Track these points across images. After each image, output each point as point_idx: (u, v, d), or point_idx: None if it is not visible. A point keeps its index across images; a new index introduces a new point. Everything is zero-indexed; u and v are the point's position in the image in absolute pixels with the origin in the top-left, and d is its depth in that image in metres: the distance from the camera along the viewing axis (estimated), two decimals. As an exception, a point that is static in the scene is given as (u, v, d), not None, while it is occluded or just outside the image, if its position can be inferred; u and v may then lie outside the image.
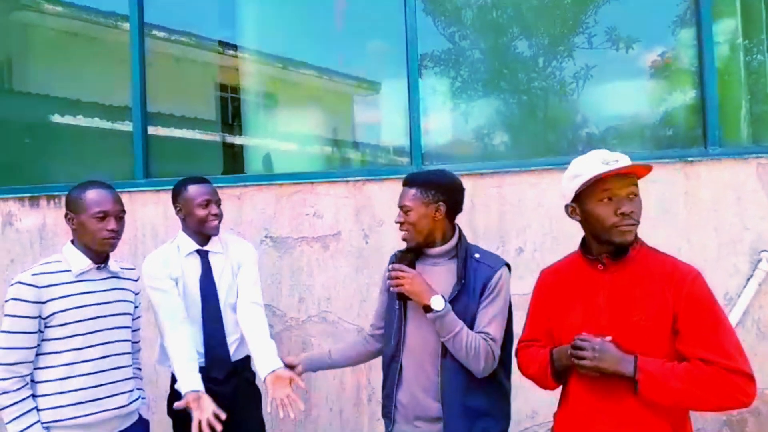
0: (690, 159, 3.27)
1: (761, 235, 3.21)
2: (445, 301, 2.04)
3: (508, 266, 2.19)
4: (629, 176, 1.83)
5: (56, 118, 4.14)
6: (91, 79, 4.13)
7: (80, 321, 2.10)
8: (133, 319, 2.36)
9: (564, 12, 3.67)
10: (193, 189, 2.60)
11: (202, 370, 2.53)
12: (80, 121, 4.15)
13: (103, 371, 2.15)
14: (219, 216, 2.63)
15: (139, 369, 2.44)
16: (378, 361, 2.46)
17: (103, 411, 2.13)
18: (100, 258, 2.22)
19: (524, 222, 3.26)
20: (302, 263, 3.40)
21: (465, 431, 2.06)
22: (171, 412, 2.61)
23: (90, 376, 2.11)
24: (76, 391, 2.09)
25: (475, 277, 2.10)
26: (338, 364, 2.46)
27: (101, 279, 2.22)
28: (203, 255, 2.64)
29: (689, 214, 3.25)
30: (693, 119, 3.49)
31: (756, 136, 3.53)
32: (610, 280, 1.83)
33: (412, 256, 2.17)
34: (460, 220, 3.28)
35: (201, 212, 2.57)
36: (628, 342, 1.74)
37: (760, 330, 3.20)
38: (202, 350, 2.57)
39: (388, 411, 2.23)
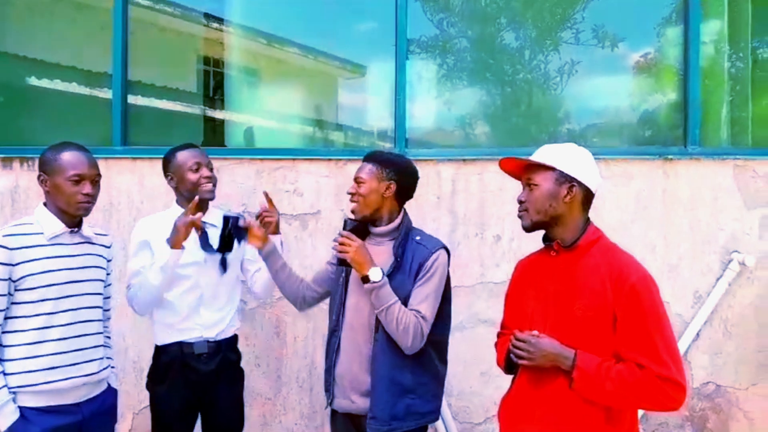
0: (670, 157, 3.31)
1: (734, 236, 3.28)
2: (383, 274, 2.12)
3: (447, 250, 2.25)
4: (530, 168, 1.92)
5: (33, 81, 4.03)
6: (72, 43, 4.03)
7: (51, 285, 2.05)
8: (104, 287, 2.31)
9: (553, 5, 3.67)
10: (182, 154, 2.56)
11: (186, 345, 2.51)
12: (58, 85, 4.04)
13: (74, 337, 2.10)
14: (212, 179, 2.58)
15: (109, 338, 2.40)
16: None
17: (73, 377, 2.09)
18: (74, 222, 2.16)
19: (504, 210, 3.28)
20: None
21: (389, 406, 2.13)
22: (150, 386, 2.59)
23: (60, 342, 2.07)
24: (46, 357, 2.04)
25: (412, 257, 2.19)
26: (279, 277, 2.45)
27: (74, 243, 2.17)
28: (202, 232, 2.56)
29: (666, 211, 3.30)
30: (674, 118, 3.53)
31: (734, 137, 3.59)
32: (560, 268, 1.87)
33: (362, 228, 2.26)
34: (441, 204, 3.32)
35: (193, 176, 2.53)
36: (569, 331, 1.79)
37: (727, 329, 3.27)
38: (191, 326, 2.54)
39: (329, 385, 2.30)
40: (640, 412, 3.07)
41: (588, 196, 1.89)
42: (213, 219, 2.60)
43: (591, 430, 1.76)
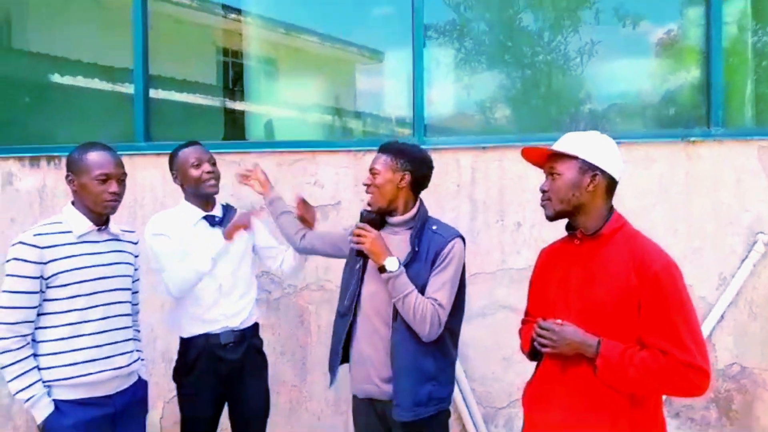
0: (692, 139, 3.27)
1: (759, 217, 3.24)
2: (400, 263, 2.15)
3: (463, 239, 2.28)
4: (552, 157, 1.91)
5: (57, 78, 4.10)
6: (93, 39, 4.08)
7: (82, 282, 2.12)
8: (132, 282, 2.37)
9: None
10: (183, 152, 2.62)
11: (212, 336, 2.57)
12: (81, 81, 4.11)
13: (105, 332, 2.17)
14: (215, 174, 2.62)
15: (138, 331, 2.47)
16: None
17: (104, 371, 2.15)
18: (101, 220, 2.22)
19: (524, 197, 3.27)
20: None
21: (413, 393, 2.16)
22: (178, 378, 2.66)
23: (92, 337, 2.13)
24: (78, 351, 2.11)
25: (428, 246, 2.21)
26: (281, 221, 2.68)
27: (102, 241, 2.23)
28: (211, 221, 2.64)
29: (689, 193, 3.27)
30: (697, 99, 3.48)
31: (759, 118, 3.53)
32: (584, 256, 1.88)
33: (378, 219, 2.27)
34: (461, 192, 3.32)
35: (195, 172, 2.58)
36: (593, 318, 1.80)
37: (752, 310, 3.25)
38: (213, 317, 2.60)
39: (334, 365, 2.36)
40: (665, 396, 3.08)
41: (611, 184, 1.89)
42: (220, 213, 2.68)
43: (615, 415, 1.77)
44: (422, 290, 2.17)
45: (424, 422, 2.18)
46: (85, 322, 2.13)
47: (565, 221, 1.96)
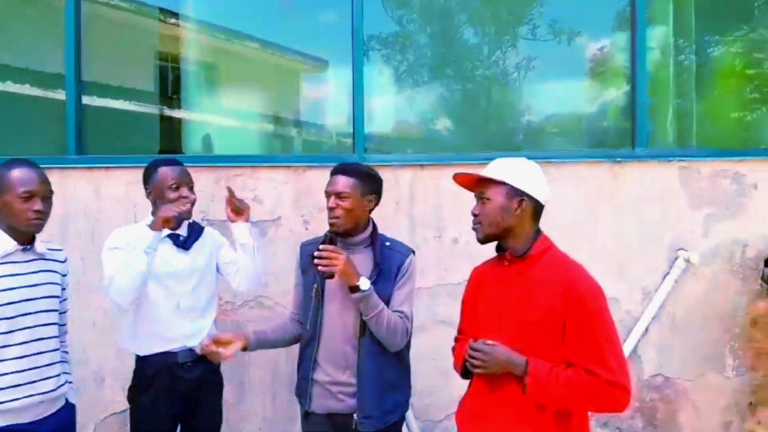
0: (618, 159, 3.43)
1: (680, 235, 3.42)
2: (370, 282, 2.23)
3: (414, 252, 2.43)
4: (482, 182, 1.99)
5: (-17, 84, 3.91)
6: (22, 43, 3.91)
7: (6, 304, 2.04)
8: (60, 302, 2.30)
9: (509, 2, 3.74)
10: (163, 171, 2.55)
11: (170, 355, 2.52)
12: (9, 87, 3.93)
13: (31, 355, 2.09)
14: (191, 200, 2.56)
15: (66, 353, 2.39)
16: None
17: (31, 396, 2.08)
18: (26, 239, 2.14)
19: (461, 213, 3.33)
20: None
21: (380, 404, 2.29)
22: (133, 397, 2.59)
23: (17, 361, 2.06)
24: (4, 376, 2.03)
25: (390, 262, 2.33)
26: (279, 343, 2.52)
27: (27, 261, 2.15)
28: (175, 239, 2.58)
29: (615, 211, 3.42)
30: (623, 120, 3.66)
31: (680, 139, 3.73)
32: (513, 276, 1.96)
33: (335, 239, 2.32)
34: (400, 209, 3.37)
35: (172, 195, 2.51)
36: (522, 338, 1.88)
37: (674, 323, 3.42)
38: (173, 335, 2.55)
39: (304, 391, 2.38)
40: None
41: (538, 208, 1.97)
42: (185, 233, 2.63)
43: (543, 429, 1.85)
44: (386, 304, 2.27)
45: (388, 429, 2.32)
46: (8, 346, 2.05)
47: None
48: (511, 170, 1.96)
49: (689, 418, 3.46)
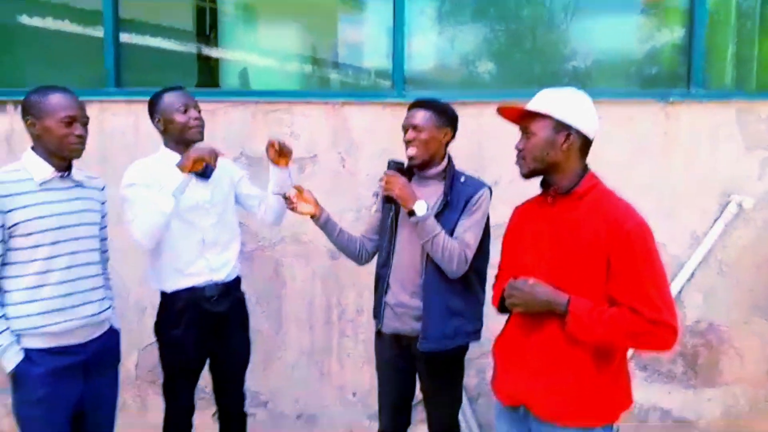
0: (672, 99, 3.26)
1: (733, 179, 3.27)
2: (428, 207, 2.30)
3: (490, 189, 2.45)
4: (527, 116, 1.90)
5: (24, 20, 3.92)
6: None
7: (45, 231, 2.06)
8: (100, 229, 2.32)
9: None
10: (169, 96, 2.52)
11: (197, 290, 2.54)
12: (49, 23, 3.93)
13: (72, 281, 2.13)
14: (200, 122, 2.54)
15: (108, 280, 2.43)
16: (348, 283, 2.57)
17: (73, 320, 2.12)
18: (64, 166, 2.15)
19: (502, 153, 3.24)
20: (277, 183, 3.36)
21: (441, 326, 2.36)
22: (161, 332, 2.63)
23: (59, 286, 2.09)
24: (45, 300, 2.07)
25: (459, 195, 2.38)
26: (339, 241, 2.59)
27: (65, 188, 2.16)
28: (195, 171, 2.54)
29: (666, 153, 3.28)
30: (678, 59, 3.46)
31: (739, 80, 3.52)
32: (556, 214, 1.88)
33: (404, 169, 2.40)
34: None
35: (181, 118, 2.49)
36: (564, 276, 1.82)
37: (721, 269, 3.31)
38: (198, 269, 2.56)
39: (378, 312, 2.52)
40: (632, 350, 3.15)
41: (585, 143, 1.88)
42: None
43: (580, 371, 1.81)
44: (450, 234, 2.33)
45: (445, 354, 2.39)
46: (50, 271, 2.08)
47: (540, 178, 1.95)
48: (557, 102, 1.86)
49: (731, 365, 3.39)
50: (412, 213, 2.30)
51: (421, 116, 2.38)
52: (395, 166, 2.38)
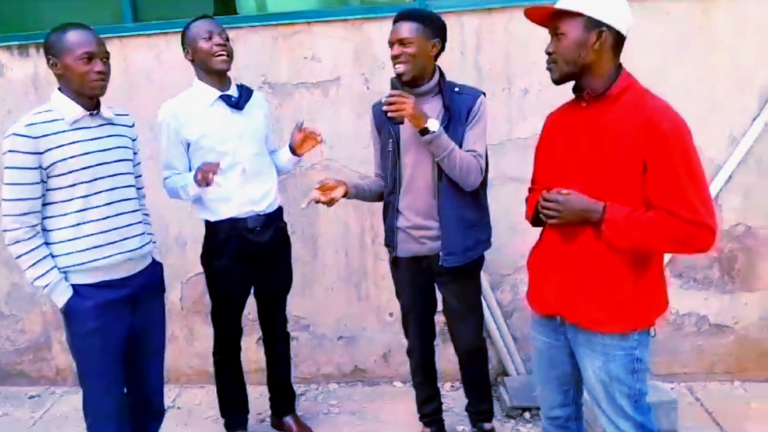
0: (711, -9, 3.06)
1: (774, 75, 3.10)
2: (439, 122, 2.27)
3: (484, 94, 2.42)
4: (557, 16, 1.82)
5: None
6: None
7: (81, 169, 2.10)
8: (134, 165, 2.36)
9: None
10: (195, 25, 2.54)
11: (240, 221, 2.61)
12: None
13: (112, 216, 2.18)
14: (227, 49, 2.54)
15: (147, 215, 2.49)
16: (379, 208, 2.59)
17: (116, 254, 2.19)
18: (92, 104, 2.16)
19: (532, 61, 3.14)
20: (302, 110, 3.33)
21: (461, 239, 2.41)
22: (207, 262, 2.72)
23: (99, 222, 2.15)
24: (88, 237, 2.13)
25: (459, 106, 2.34)
26: (371, 193, 2.61)
27: (96, 126, 2.18)
28: (227, 100, 2.58)
29: (704, 50, 3.12)
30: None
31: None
32: (591, 119, 1.83)
33: (403, 87, 2.29)
34: (466, 60, 3.20)
35: (205, 45, 2.50)
36: (599, 182, 1.78)
37: (761, 170, 3.21)
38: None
39: (390, 239, 2.54)
40: (668, 256, 3.13)
41: (619, 40, 1.80)
42: (236, 93, 2.63)
43: (616, 277, 1.81)
44: (459, 146, 2.32)
45: (469, 265, 2.46)
46: (90, 208, 2.13)
47: (572, 84, 1.89)
48: None
49: (770, 267, 3.34)
50: (424, 132, 2.23)
51: (407, 28, 2.25)
52: (398, 83, 2.28)
